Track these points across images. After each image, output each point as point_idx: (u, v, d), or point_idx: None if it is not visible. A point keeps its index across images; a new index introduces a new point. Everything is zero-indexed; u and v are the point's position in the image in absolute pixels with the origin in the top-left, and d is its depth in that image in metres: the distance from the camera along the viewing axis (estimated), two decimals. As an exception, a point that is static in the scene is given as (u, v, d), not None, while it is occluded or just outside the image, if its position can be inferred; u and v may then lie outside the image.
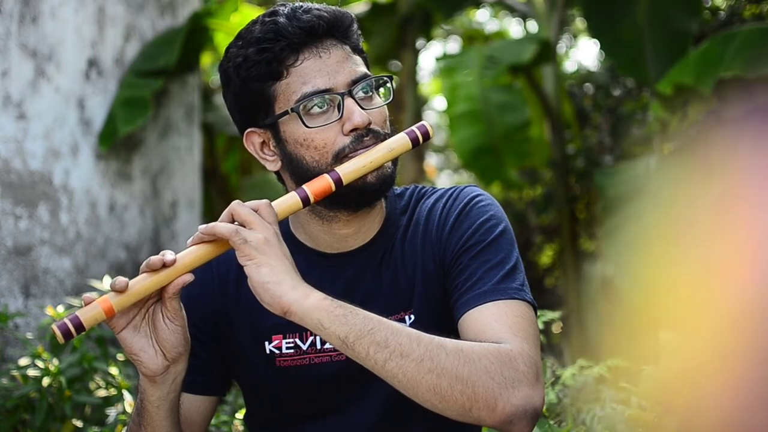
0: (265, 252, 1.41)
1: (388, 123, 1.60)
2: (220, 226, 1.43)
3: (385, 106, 1.60)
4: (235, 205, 1.45)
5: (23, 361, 2.52)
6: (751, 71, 3.49)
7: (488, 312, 1.50)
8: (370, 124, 1.54)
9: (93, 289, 2.71)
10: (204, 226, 1.44)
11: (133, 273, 1.51)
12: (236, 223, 1.44)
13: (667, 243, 3.68)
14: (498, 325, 1.48)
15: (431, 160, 8.28)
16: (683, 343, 1.77)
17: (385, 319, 1.41)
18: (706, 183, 3.81)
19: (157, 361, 1.48)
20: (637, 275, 3.72)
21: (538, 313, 2.36)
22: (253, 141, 1.62)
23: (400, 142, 1.55)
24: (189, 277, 1.44)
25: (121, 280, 1.42)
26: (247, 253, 1.40)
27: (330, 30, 1.56)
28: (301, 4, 1.58)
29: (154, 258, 1.42)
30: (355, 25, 1.61)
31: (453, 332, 1.53)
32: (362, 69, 1.58)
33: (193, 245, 1.45)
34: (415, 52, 6.19)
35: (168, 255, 1.43)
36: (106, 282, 2.68)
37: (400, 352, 1.38)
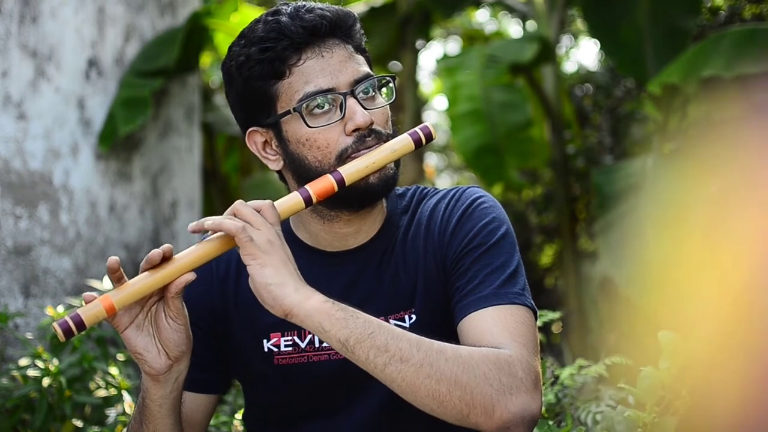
0: (269, 252, 1.41)
1: (390, 123, 1.60)
2: (228, 222, 1.42)
3: (387, 106, 1.60)
4: (238, 204, 1.45)
5: (23, 361, 2.51)
6: (730, 70, 3.49)
7: (488, 316, 1.50)
8: (372, 124, 1.54)
9: (93, 289, 2.71)
10: (210, 220, 1.43)
11: (133, 273, 1.51)
12: None
13: (663, 239, 3.69)
14: (498, 330, 1.48)
15: (431, 161, 8.28)
16: (683, 342, 1.77)
17: (385, 323, 1.42)
18: (704, 181, 3.81)
19: (160, 360, 1.49)
20: (632, 271, 3.72)
21: (538, 314, 2.36)
22: (255, 140, 1.61)
23: (402, 143, 1.55)
24: (191, 276, 1.44)
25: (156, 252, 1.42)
26: (252, 252, 1.40)
27: (333, 29, 1.56)
28: (303, 3, 1.58)
29: (153, 252, 1.42)
30: (358, 25, 1.60)
31: (453, 333, 1.54)
32: (365, 69, 1.58)
33: (195, 244, 1.46)
34: (415, 52, 6.18)
35: (165, 246, 1.43)
36: (106, 282, 2.68)
37: (399, 356, 1.38)
